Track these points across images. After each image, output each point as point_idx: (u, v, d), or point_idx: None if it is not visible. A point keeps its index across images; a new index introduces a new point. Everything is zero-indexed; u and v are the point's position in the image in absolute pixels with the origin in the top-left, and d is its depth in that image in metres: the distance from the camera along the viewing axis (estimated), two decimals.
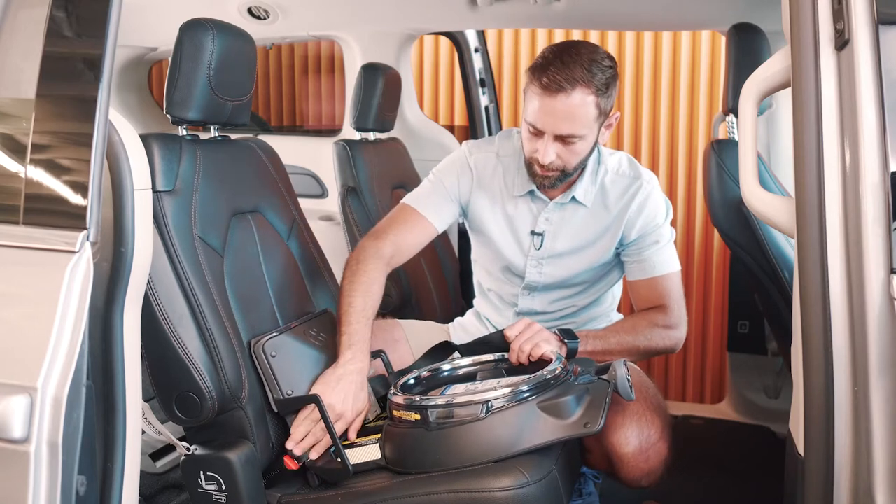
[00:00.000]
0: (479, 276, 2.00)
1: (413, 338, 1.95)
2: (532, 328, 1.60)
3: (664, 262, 1.76)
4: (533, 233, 1.81)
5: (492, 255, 1.89)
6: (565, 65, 1.57)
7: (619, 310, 2.01)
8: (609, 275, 1.87)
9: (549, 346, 1.56)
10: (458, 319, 2.09)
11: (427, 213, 1.81)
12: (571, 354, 1.61)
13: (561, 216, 1.80)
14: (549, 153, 1.64)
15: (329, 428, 1.42)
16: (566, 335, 1.63)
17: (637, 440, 1.49)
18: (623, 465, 1.50)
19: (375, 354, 1.71)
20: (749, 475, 2.28)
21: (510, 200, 1.83)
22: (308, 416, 1.46)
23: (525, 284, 1.86)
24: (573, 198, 1.78)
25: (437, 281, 2.49)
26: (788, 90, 1.13)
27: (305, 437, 1.45)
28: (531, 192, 1.81)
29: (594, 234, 1.79)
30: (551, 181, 1.71)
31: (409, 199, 1.85)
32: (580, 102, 1.59)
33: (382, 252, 1.72)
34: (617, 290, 1.96)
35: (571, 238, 1.80)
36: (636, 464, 1.50)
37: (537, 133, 1.65)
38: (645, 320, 1.73)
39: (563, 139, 1.63)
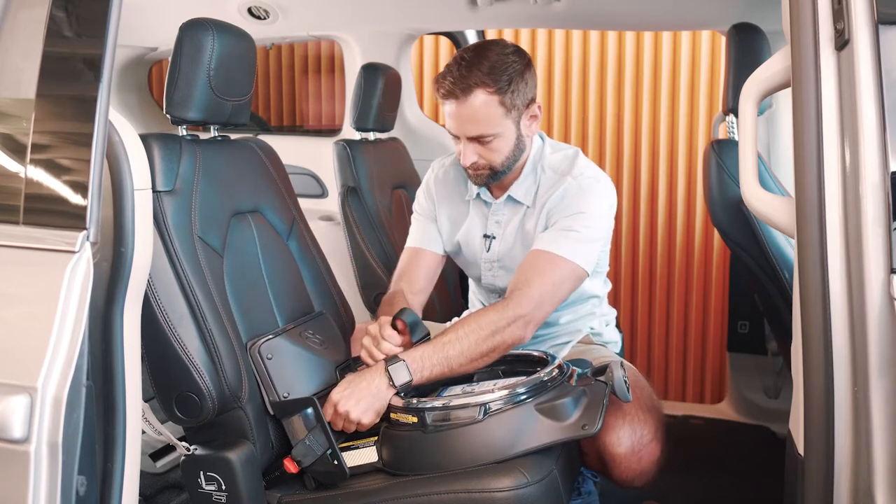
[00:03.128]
0: (469, 284, 2.02)
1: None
2: (338, 404, 1.45)
3: (557, 242, 1.62)
4: (485, 236, 1.83)
5: (462, 262, 1.93)
6: (461, 72, 1.61)
7: (614, 304, 2.00)
8: None
9: (365, 417, 1.45)
10: (455, 320, 2.09)
11: (423, 244, 1.90)
12: (405, 389, 1.47)
13: (507, 218, 1.80)
14: (467, 156, 1.68)
15: (325, 430, 1.42)
16: (395, 374, 1.46)
17: (630, 440, 1.49)
18: (616, 466, 1.50)
19: None
20: (749, 475, 2.28)
21: (465, 206, 1.87)
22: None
23: (485, 288, 1.87)
24: (510, 197, 1.79)
25: (437, 281, 2.49)
26: (788, 90, 1.13)
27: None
28: (478, 195, 1.83)
29: (532, 233, 1.75)
30: (483, 179, 1.73)
31: (409, 240, 1.94)
32: (481, 104, 1.61)
33: (397, 289, 1.84)
34: (599, 283, 1.90)
35: (514, 238, 1.79)
36: (629, 464, 1.50)
37: (456, 137, 1.70)
38: (486, 317, 1.54)
39: (478, 140, 1.66)
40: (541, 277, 1.59)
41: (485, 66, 1.60)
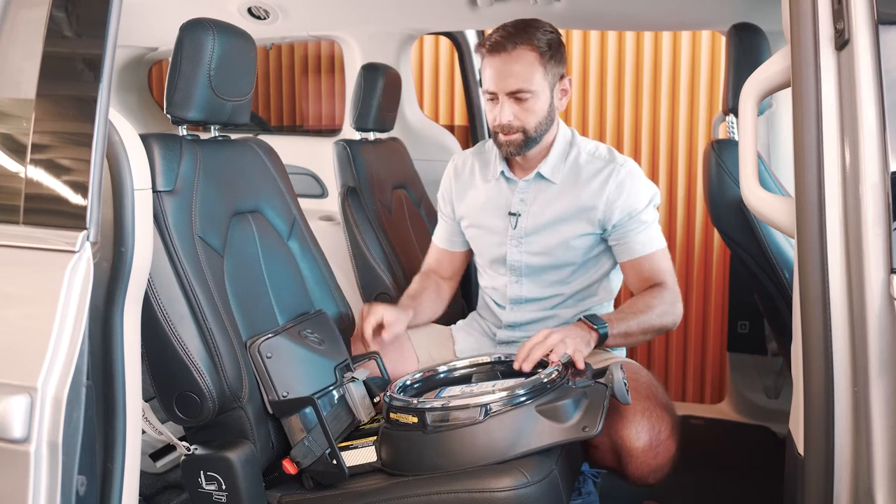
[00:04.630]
0: (479, 277, 2.04)
1: (414, 338, 1.95)
2: (551, 337, 1.56)
3: (651, 239, 1.81)
4: (510, 214, 1.89)
5: (480, 247, 1.98)
6: (508, 31, 1.77)
7: (616, 304, 2.01)
8: (597, 261, 1.88)
9: (564, 349, 1.53)
10: (459, 322, 2.09)
11: (449, 247, 2.07)
12: (602, 340, 1.63)
13: (533, 195, 1.87)
14: (505, 112, 1.77)
15: (325, 430, 1.41)
16: (593, 321, 1.65)
17: (647, 435, 1.50)
18: (632, 460, 1.51)
19: (370, 356, 1.71)
20: (749, 475, 2.28)
21: (486, 188, 1.94)
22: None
23: (509, 268, 1.90)
24: (539, 174, 1.86)
25: None
26: (788, 90, 1.13)
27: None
28: (503, 174, 1.91)
29: (566, 211, 1.83)
30: (515, 147, 1.81)
31: (434, 236, 2.12)
32: (525, 60, 1.75)
33: (423, 274, 2.07)
34: (615, 283, 1.95)
35: (544, 215, 1.85)
36: (645, 459, 1.50)
37: (494, 98, 1.79)
38: (655, 298, 1.76)
39: (516, 98, 1.76)
40: (665, 273, 1.80)
41: (530, 29, 1.77)
